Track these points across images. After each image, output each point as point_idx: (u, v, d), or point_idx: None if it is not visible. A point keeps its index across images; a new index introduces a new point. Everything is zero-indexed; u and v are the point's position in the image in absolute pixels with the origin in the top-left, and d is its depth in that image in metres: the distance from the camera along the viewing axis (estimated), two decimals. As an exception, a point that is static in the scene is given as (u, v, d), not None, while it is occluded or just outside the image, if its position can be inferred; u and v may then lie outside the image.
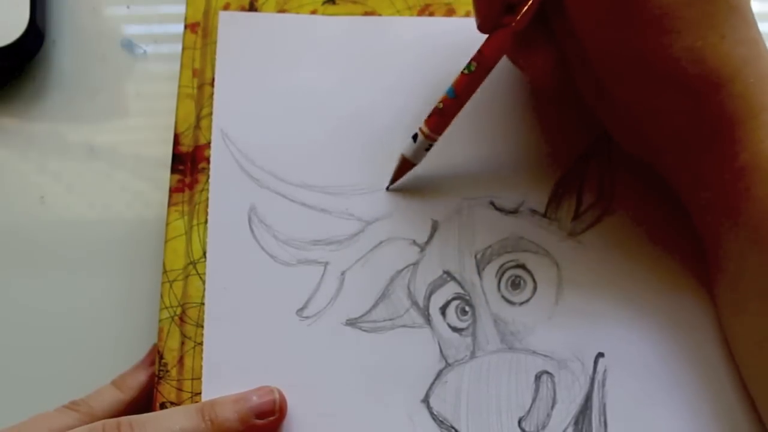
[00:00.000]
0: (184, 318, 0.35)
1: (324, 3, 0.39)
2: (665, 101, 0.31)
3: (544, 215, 0.36)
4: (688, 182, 0.33)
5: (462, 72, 0.33)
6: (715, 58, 0.30)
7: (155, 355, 0.34)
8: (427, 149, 0.35)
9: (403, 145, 0.35)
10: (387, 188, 0.36)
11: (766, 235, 0.30)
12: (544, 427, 0.33)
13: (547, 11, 0.32)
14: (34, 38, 0.42)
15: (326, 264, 0.35)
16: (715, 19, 0.29)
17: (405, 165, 0.35)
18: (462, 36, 0.35)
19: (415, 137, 0.35)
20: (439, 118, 0.34)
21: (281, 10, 0.39)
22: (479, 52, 0.33)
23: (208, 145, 0.37)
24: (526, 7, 0.32)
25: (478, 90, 0.34)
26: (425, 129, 0.34)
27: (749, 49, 0.30)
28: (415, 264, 0.35)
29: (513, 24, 0.32)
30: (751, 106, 0.30)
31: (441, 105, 0.34)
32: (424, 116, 0.35)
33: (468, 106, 0.34)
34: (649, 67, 0.30)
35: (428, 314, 0.35)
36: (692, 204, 0.33)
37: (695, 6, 0.29)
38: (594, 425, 0.33)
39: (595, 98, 0.34)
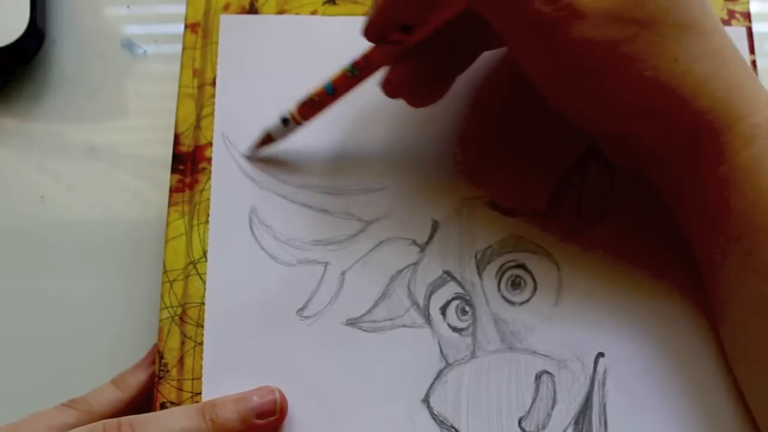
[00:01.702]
0: (184, 318, 0.35)
1: (324, 3, 0.39)
2: (634, 127, 0.31)
3: (544, 215, 0.36)
4: (675, 195, 0.33)
5: (344, 71, 0.33)
6: (672, 80, 0.29)
7: (155, 355, 0.34)
8: (292, 132, 0.36)
9: (270, 123, 0.36)
10: (245, 155, 0.37)
11: (746, 247, 0.30)
12: (544, 427, 0.33)
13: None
14: (34, 38, 0.42)
15: (326, 264, 0.35)
16: (664, 45, 0.29)
17: (267, 139, 0.36)
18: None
19: (284, 121, 0.35)
20: (311, 110, 0.35)
21: (281, 10, 0.39)
22: (364, 58, 0.33)
23: (208, 145, 0.37)
24: (423, 29, 0.31)
25: (478, 89, 0.34)
26: (296, 115, 0.35)
27: (710, 61, 0.29)
28: (415, 264, 0.35)
29: (404, 42, 0.32)
30: (722, 119, 0.30)
31: (317, 98, 0.34)
32: (424, 116, 0.35)
33: (468, 107, 0.34)
34: (605, 102, 0.30)
35: (428, 314, 0.34)
36: (680, 216, 0.33)
37: (637, 39, 0.29)
38: (594, 425, 0.33)
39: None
